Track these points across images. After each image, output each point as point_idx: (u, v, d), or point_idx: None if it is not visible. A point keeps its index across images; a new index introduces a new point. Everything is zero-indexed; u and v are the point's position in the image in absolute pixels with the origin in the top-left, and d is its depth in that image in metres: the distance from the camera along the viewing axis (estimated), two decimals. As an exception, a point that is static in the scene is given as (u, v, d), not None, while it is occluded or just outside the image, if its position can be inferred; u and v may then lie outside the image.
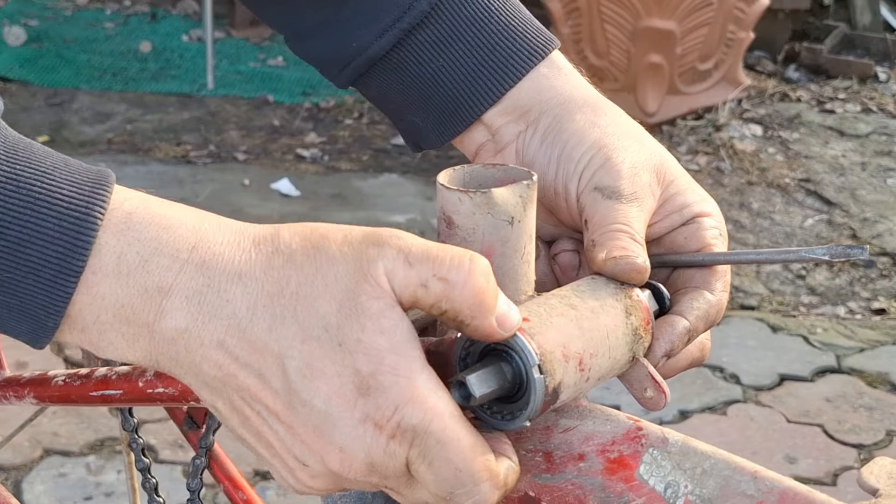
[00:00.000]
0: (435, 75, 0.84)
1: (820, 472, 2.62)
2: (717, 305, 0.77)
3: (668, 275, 0.79)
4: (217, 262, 0.62)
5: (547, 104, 0.82)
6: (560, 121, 0.81)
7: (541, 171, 0.80)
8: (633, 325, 0.70)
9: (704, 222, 0.78)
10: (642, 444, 0.67)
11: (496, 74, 0.83)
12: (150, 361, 0.64)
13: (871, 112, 4.81)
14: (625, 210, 0.75)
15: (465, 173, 0.70)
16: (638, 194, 0.76)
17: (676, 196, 0.79)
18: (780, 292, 3.50)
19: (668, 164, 0.80)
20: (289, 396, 0.60)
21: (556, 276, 0.82)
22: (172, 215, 0.64)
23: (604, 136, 0.79)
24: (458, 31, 0.83)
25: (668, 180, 0.79)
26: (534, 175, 0.68)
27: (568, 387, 0.66)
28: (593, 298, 0.69)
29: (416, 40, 0.84)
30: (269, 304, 0.61)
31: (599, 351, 0.67)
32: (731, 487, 0.64)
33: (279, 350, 0.60)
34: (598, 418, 0.70)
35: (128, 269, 0.62)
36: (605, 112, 0.81)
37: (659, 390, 0.72)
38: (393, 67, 0.85)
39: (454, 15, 0.83)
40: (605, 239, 0.73)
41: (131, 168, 4.29)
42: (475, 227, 0.66)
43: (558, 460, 0.69)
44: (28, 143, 0.64)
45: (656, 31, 4.37)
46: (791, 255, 0.75)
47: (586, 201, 0.77)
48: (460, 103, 0.84)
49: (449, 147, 0.89)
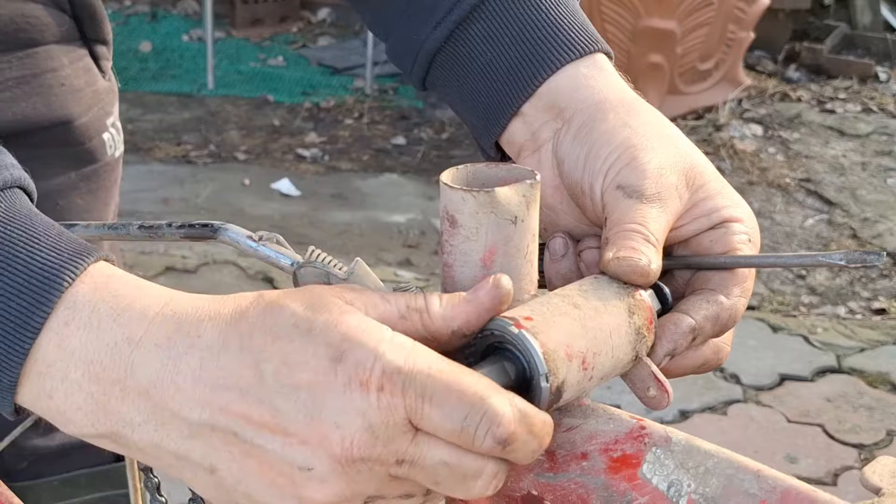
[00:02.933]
0: (484, 70, 0.85)
1: (820, 471, 2.62)
2: (730, 309, 0.76)
3: (690, 277, 0.78)
4: (188, 312, 0.62)
5: (583, 102, 0.81)
6: (593, 120, 0.80)
7: (570, 169, 0.80)
8: (636, 324, 0.70)
9: (733, 227, 0.77)
10: (645, 443, 0.67)
11: (533, 67, 0.83)
12: (113, 440, 0.63)
13: (871, 112, 4.81)
14: (644, 210, 0.74)
15: (468, 173, 0.70)
16: (662, 195, 0.76)
17: (707, 200, 0.78)
18: (780, 292, 3.51)
19: (699, 167, 0.79)
20: (273, 399, 0.60)
21: (582, 272, 0.81)
22: (150, 284, 0.65)
23: (633, 135, 0.78)
24: (506, 25, 0.84)
25: (699, 184, 0.78)
26: (537, 175, 0.68)
27: (571, 386, 0.66)
28: (597, 297, 0.69)
29: (468, 34, 0.85)
30: (236, 327, 0.61)
31: (602, 350, 0.67)
32: (734, 486, 0.64)
33: (253, 359, 0.60)
34: (601, 417, 0.70)
35: (99, 323, 0.62)
36: (638, 113, 0.80)
37: (662, 389, 0.72)
38: (450, 63, 0.86)
39: (503, 9, 0.84)
40: (617, 238, 0.73)
41: (132, 168, 4.29)
42: (478, 227, 0.66)
43: (561, 459, 0.69)
44: (32, 213, 0.65)
45: (656, 31, 4.37)
46: (808, 259, 0.75)
47: (608, 199, 0.76)
48: (501, 98, 0.84)
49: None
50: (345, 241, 3.76)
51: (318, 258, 0.71)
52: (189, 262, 3.46)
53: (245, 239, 0.74)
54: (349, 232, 3.83)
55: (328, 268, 0.71)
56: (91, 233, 0.78)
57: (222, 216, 3.86)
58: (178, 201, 4.04)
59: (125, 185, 4.52)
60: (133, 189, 4.12)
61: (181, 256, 3.49)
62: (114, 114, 1.33)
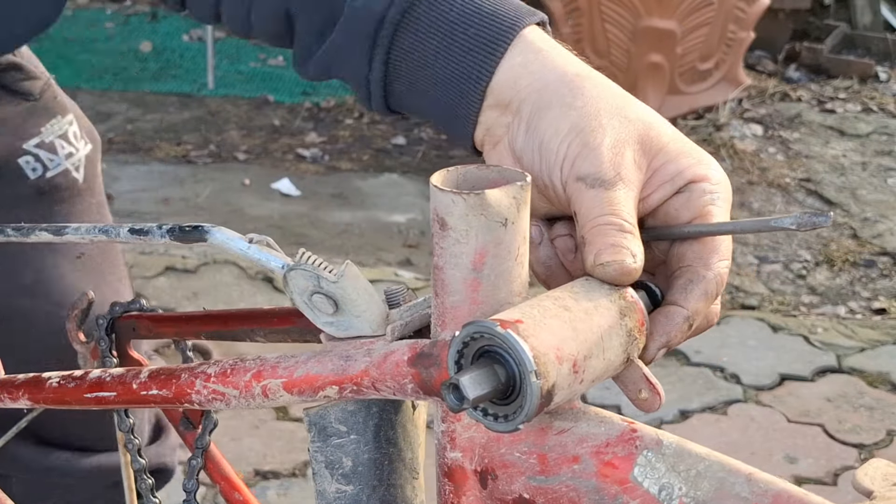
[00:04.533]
0: (427, 92, 0.83)
1: (820, 472, 2.62)
2: (714, 279, 0.74)
3: (668, 248, 0.77)
4: None
5: (525, 91, 0.79)
6: (538, 109, 0.78)
7: (528, 164, 0.78)
8: (627, 326, 0.70)
9: (696, 189, 0.76)
10: (636, 447, 0.67)
11: (472, 76, 0.81)
12: None
13: (871, 112, 4.81)
14: (609, 197, 0.72)
15: (458, 175, 0.70)
16: (623, 174, 0.73)
17: (667, 164, 0.76)
18: (780, 292, 3.50)
19: (654, 130, 0.76)
20: None
21: (560, 258, 0.80)
22: None
23: (579, 119, 0.76)
24: (431, 40, 0.82)
25: (657, 148, 0.76)
26: (527, 176, 0.68)
27: (562, 389, 0.65)
28: (587, 300, 0.69)
29: (404, 57, 0.83)
30: None
31: (594, 353, 0.67)
32: (725, 490, 0.64)
33: None
34: (592, 420, 0.70)
35: None
36: (581, 90, 0.78)
37: (653, 391, 0.72)
38: (397, 91, 0.85)
39: (424, 23, 0.82)
40: (594, 236, 0.71)
41: (132, 168, 4.29)
42: (468, 229, 0.66)
43: (552, 462, 0.69)
44: None
45: (657, 31, 4.37)
46: (761, 224, 0.74)
47: (571, 192, 0.75)
48: (458, 112, 0.83)
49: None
50: (345, 240, 3.76)
51: (307, 261, 0.71)
52: (189, 262, 3.46)
53: (235, 241, 0.74)
54: (349, 232, 3.83)
55: (318, 270, 0.71)
56: (81, 236, 0.78)
57: (222, 216, 3.86)
58: (178, 201, 4.04)
59: (125, 185, 4.49)
60: (133, 189, 4.12)
61: (181, 256, 3.49)
62: (39, 135, 1.31)
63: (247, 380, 0.79)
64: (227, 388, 0.80)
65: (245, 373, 0.79)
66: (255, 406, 0.80)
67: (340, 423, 0.79)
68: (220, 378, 0.80)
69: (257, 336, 0.98)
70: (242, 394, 0.79)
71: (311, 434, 0.79)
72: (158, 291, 3.30)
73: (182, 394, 0.84)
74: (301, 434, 2.61)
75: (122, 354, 1.10)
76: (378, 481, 0.80)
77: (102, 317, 1.09)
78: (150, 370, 0.86)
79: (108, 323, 1.09)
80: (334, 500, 0.81)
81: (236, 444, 2.61)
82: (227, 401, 0.80)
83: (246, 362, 0.80)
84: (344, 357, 0.75)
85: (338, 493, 0.80)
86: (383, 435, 0.80)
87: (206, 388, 0.81)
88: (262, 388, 0.78)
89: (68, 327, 1.13)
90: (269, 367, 0.78)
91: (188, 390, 0.82)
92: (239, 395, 0.79)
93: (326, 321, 0.74)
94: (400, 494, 0.82)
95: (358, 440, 0.79)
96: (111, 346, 1.09)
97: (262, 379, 0.78)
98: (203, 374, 0.82)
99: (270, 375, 0.78)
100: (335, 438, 0.79)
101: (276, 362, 0.78)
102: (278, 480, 2.52)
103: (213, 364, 0.82)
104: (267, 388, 0.78)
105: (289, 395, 0.77)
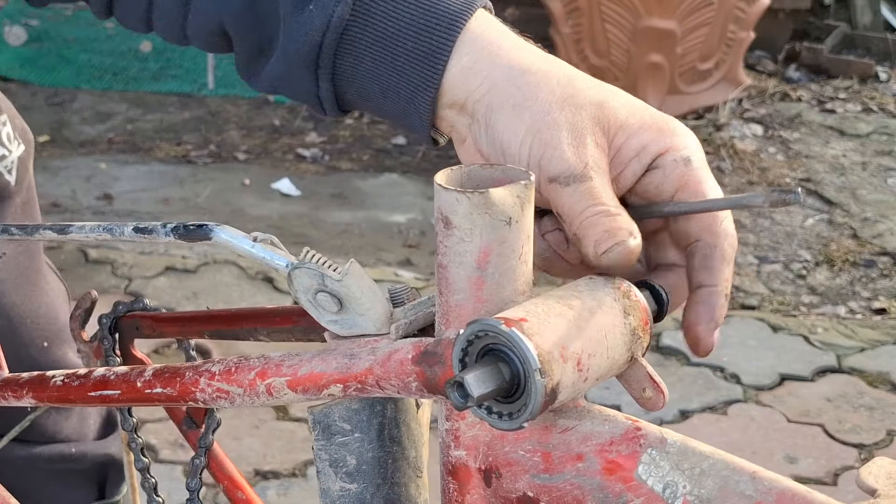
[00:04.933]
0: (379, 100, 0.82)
1: (820, 471, 2.62)
2: (727, 241, 0.75)
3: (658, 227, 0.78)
4: None
5: (477, 93, 0.78)
6: (491, 111, 0.77)
7: None
8: (631, 325, 0.70)
9: (666, 162, 0.75)
10: (640, 445, 0.67)
11: (417, 89, 0.80)
12: None
13: (871, 112, 4.81)
14: (587, 189, 0.73)
15: (462, 173, 0.70)
16: (590, 164, 0.73)
17: (629, 140, 0.75)
18: (780, 292, 3.50)
19: (607, 108, 0.76)
20: None
21: (554, 249, 0.80)
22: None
23: (532, 118, 0.75)
24: (372, 57, 0.81)
25: (616, 126, 0.75)
26: (532, 175, 0.68)
27: (566, 387, 0.65)
28: (591, 298, 0.69)
29: (345, 77, 0.82)
30: None
31: (598, 351, 0.67)
32: (729, 488, 0.64)
33: None
34: (596, 418, 0.70)
35: None
36: (528, 85, 0.76)
37: (657, 390, 0.72)
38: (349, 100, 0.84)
39: (362, 44, 0.81)
40: (585, 230, 0.72)
41: (132, 168, 4.29)
42: (472, 228, 0.66)
43: (556, 460, 0.69)
44: None
45: (657, 31, 4.37)
46: (732, 202, 0.74)
47: (548, 194, 0.75)
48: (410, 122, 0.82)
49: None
50: (345, 240, 3.76)
51: (312, 259, 0.71)
52: (189, 262, 3.46)
53: (240, 240, 0.74)
54: (349, 232, 3.83)
55: (322, 269, 0.71)
56: (85, 234, 0.78)
57: (222, 216, 3.86)
58: (178, 201, 4.04)
59: (125, 185, 4.48)
60: (133, 189, 4.11)
61: (181, 256, 3.49)
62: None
63: (251, 378, 0.79)
64: (231, 386, 0.80)
65: (249, 371, 0.79)
66: (259, 404, 0.80)
67: (344, 421, 0.79)
68: (225, 376, 0.80)
69: (261, 335, 0.98)
70: (247, 392, 0.79)
71: (314, 432, 0.79)
72: (158, 291, 3.30)
73: (186, 392, 0.84)
74: (301, 434, 2.61)
75: (126, 353, 1.11)
76: (382, 480, 0.80)
77: (106, 316, 1.09)
78: (155, 368, 0.87)
79: (111, 322, 1.09)
80: (338, 499, 0.81)
81: (236, 444, 2.61)
82: (231, 399, 0.81)
83: (250, 360, 0.80)
84: (348, 355, 0.75)
85: (342, 491, 0.80)
86: (387, 433, 0.80)
87: (210, 386, 0.81)
88: (266, 386, 0.78)
89: (71, 326, 1.13)
90: (274, 365, 0.78)
91: (192, 388, 0.83)
92: (243, 393, 0.80)
93: (331, 319, 0.74)
94: (404, 493, 0.82)
95: (362, 438, 0.79)
96: (114, 345, 1.09)
97: (266, 377, 0.78)
98: (207, 372, 0.82)
99: (275, 373, 0.78)
100: (339, 437, 0.79)
101: (281, 360, 0.78)
102: (278, 480, 2.51)
103: (217, 362, 0.82)
104: (271, 386, 0.78)
105: (293, 393, 0.77)
